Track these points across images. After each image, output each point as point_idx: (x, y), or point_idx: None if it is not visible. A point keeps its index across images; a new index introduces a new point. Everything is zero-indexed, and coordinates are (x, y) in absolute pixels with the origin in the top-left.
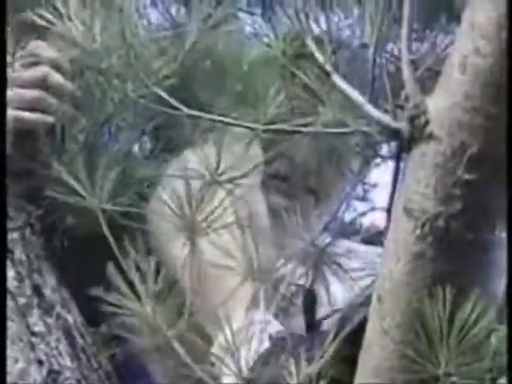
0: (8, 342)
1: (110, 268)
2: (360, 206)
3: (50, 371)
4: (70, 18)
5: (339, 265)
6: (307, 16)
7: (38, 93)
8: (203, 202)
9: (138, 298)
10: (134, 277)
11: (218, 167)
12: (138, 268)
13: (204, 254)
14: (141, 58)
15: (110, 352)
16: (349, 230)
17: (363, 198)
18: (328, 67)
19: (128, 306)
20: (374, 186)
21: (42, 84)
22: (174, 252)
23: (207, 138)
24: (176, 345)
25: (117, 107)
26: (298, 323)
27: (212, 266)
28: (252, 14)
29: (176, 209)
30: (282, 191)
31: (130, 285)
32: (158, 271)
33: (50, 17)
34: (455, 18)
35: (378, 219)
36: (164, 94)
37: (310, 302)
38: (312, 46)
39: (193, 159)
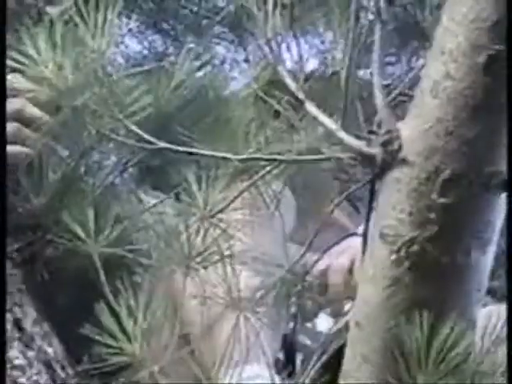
0: None
1: (99, 308)
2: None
3: None
4: (40, 61)
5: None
6: (278, 44)
7: (16, 125)
8: (197, 240)
9: (127, 336)
10: (124, 315)
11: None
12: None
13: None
14: (115, 94)
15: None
16: None
17: None
18: (301, 95)
19: (117, 346)
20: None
21: (19, 117)
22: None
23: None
24: (160, 378)
25: (94, 141)
26: None
27: (193, 297)
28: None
29: (175, 246)
30: None
31: (117, 321)
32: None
33: (21, 59)
34: (426, 42)
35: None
36: (134, 128)
37: (289, 345)
38: (284, 74)
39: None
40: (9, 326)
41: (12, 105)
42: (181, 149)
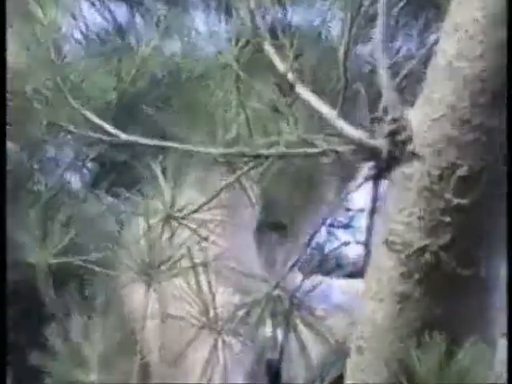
0: None
1: (51, 331)
2: (344, 236)
3: None
4: None
5: (312, 311)
6: (264, 17)
7: None
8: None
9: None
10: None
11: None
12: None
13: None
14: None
15: None
16: (328, 265)
17: (347, 226)
18: (290, 76)
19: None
20: (361, 210)
21: None
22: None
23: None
24: None
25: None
26: None
27: (168, 316)
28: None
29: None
30: None
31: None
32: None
33: None
34: (439, 14)
35: None
36: (94, 118)
37: (275, 372)
38: (271, 52)
39: None
40: None
41: None
42: (151, 143)
